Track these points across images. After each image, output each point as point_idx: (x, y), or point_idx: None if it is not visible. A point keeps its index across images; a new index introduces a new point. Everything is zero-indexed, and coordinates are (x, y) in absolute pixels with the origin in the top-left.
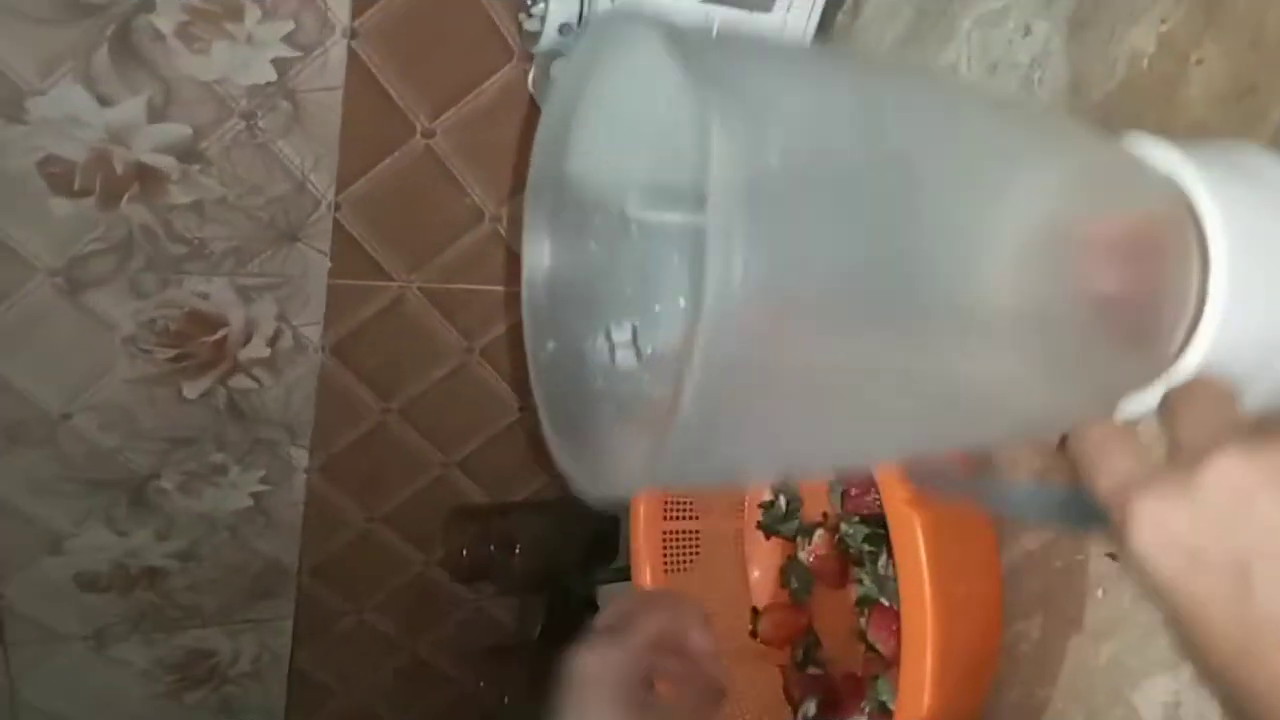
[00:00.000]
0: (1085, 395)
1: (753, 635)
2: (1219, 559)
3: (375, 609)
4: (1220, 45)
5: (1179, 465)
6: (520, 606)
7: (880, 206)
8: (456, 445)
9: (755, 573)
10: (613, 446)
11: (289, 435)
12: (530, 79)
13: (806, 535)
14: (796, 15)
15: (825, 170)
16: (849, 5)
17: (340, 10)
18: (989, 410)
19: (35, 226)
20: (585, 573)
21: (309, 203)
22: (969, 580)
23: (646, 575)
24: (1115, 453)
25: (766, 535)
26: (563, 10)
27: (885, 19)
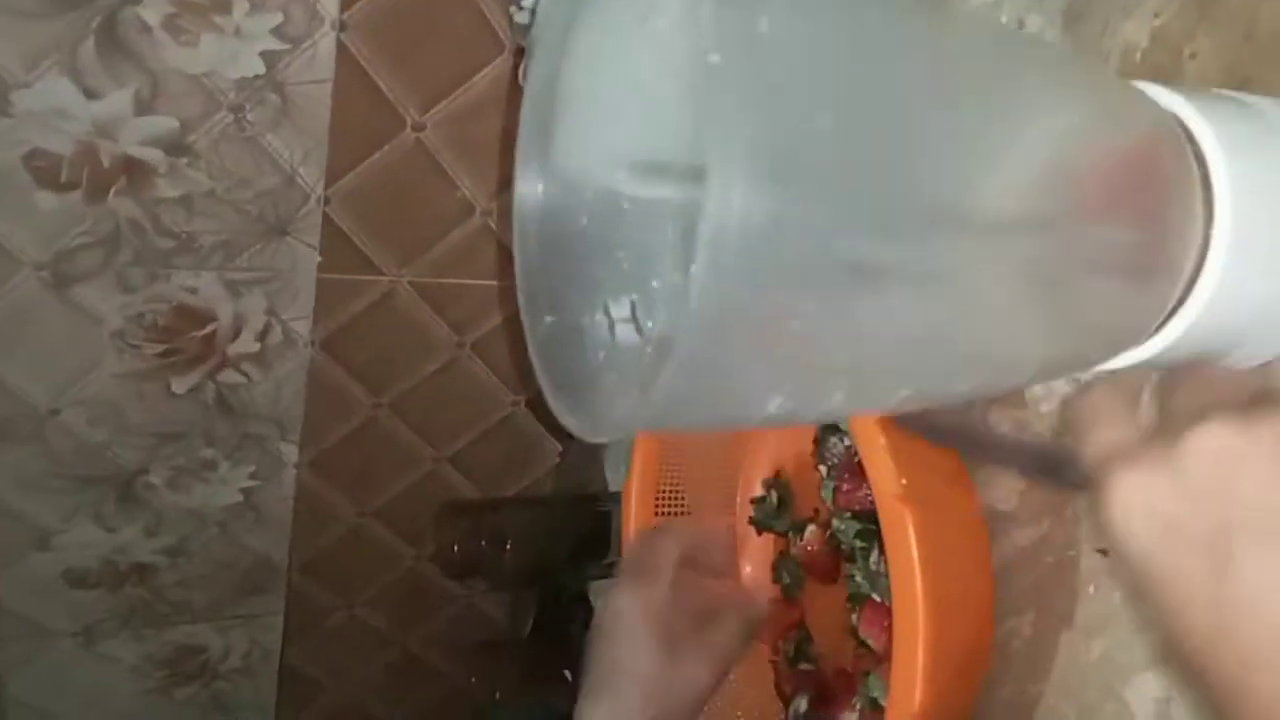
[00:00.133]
0: (1086, 335)
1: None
2: (1197, 533)
3: (366, 604)
4: (1213, 39)
5: (1164, 435)
6: (512, 602)
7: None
8: (447, 440)
9: (747, 568)
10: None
11: (279, 430)
12: (521, 72)
13: (798, 531)
14: None
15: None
16: None
17: (329, 2)
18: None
19: (21, 220)
20: (577, 568)
21: (298, 196)
22: (961, 576)
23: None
24: (1107, 419)
25: (758, 531)
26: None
27: None
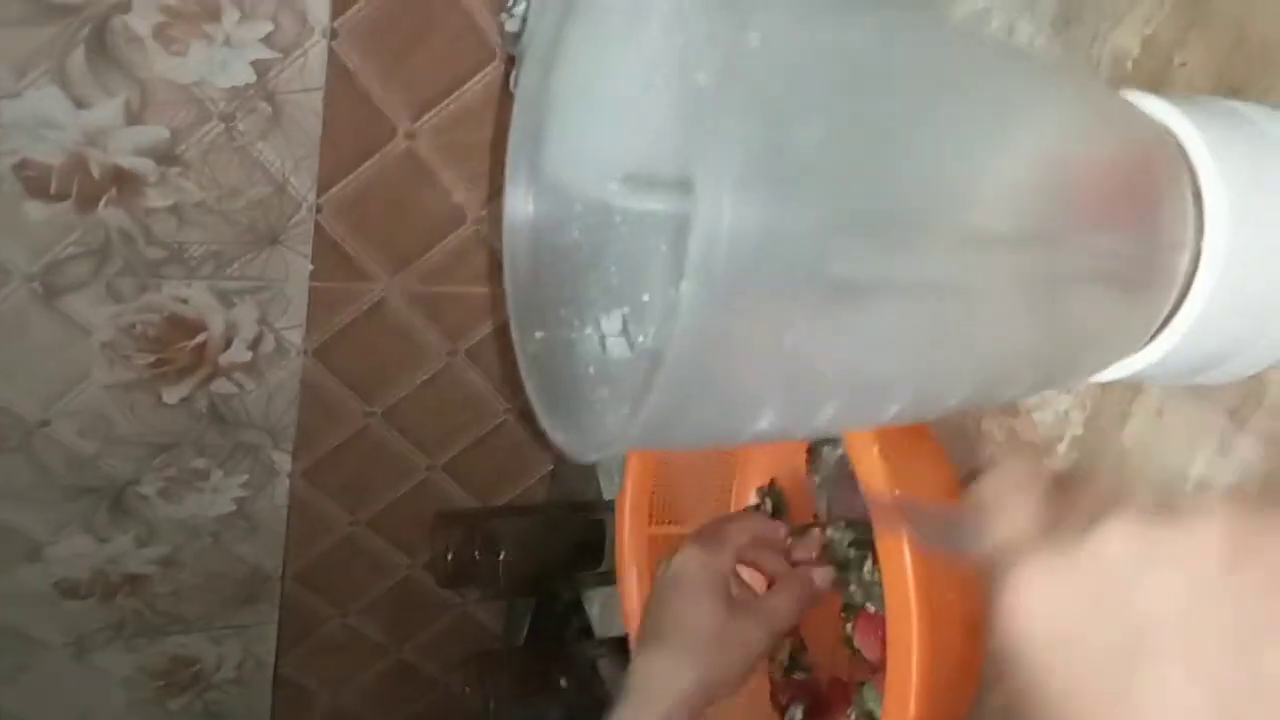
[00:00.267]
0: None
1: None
2: (1097, 648)
3: (360, 613)
4: (1204, 46)
5: (1068, 534)
6: (506, 611)
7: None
8: (441, 448)
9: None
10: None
11: (271, 440)
12: (512, 79)
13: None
14: None
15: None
16: None
17: (319, 11)
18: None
19: (10, 231)
20: (571, 577)
21: (290, 205)
22: (955, 585)
23: (633, 580)
24: (1011, 506)
25: None
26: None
27: None
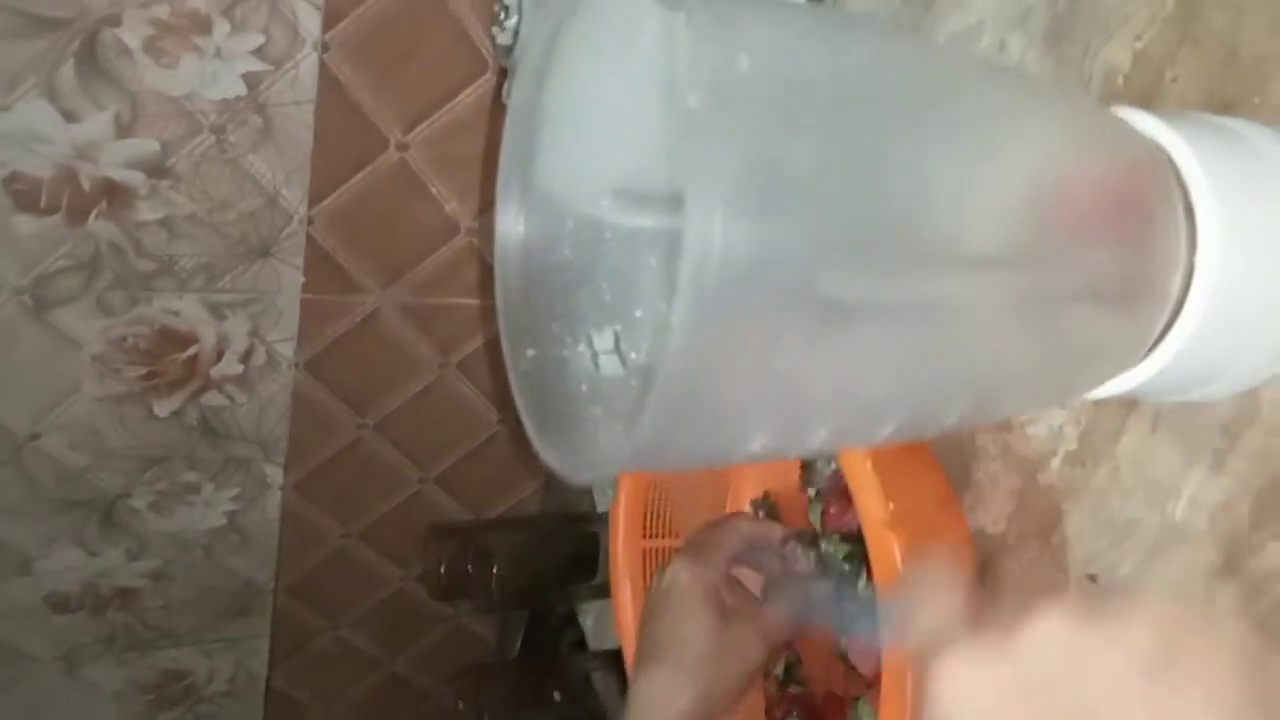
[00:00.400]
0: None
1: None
2: None
3: (352, 626)
4: (1195, 62)
5: (996, 624)
6: (500, 623)
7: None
8: (433, 460)
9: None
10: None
11: (263, 452)
12: (504, 91)
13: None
14: None
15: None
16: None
17: (311, 23)
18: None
19: (0, 244)
20: (565, 590)
21: (281, 217)
22: None
23: (626, 593)
24: (941, 596)
25: None
26: (535, 21)
27: None
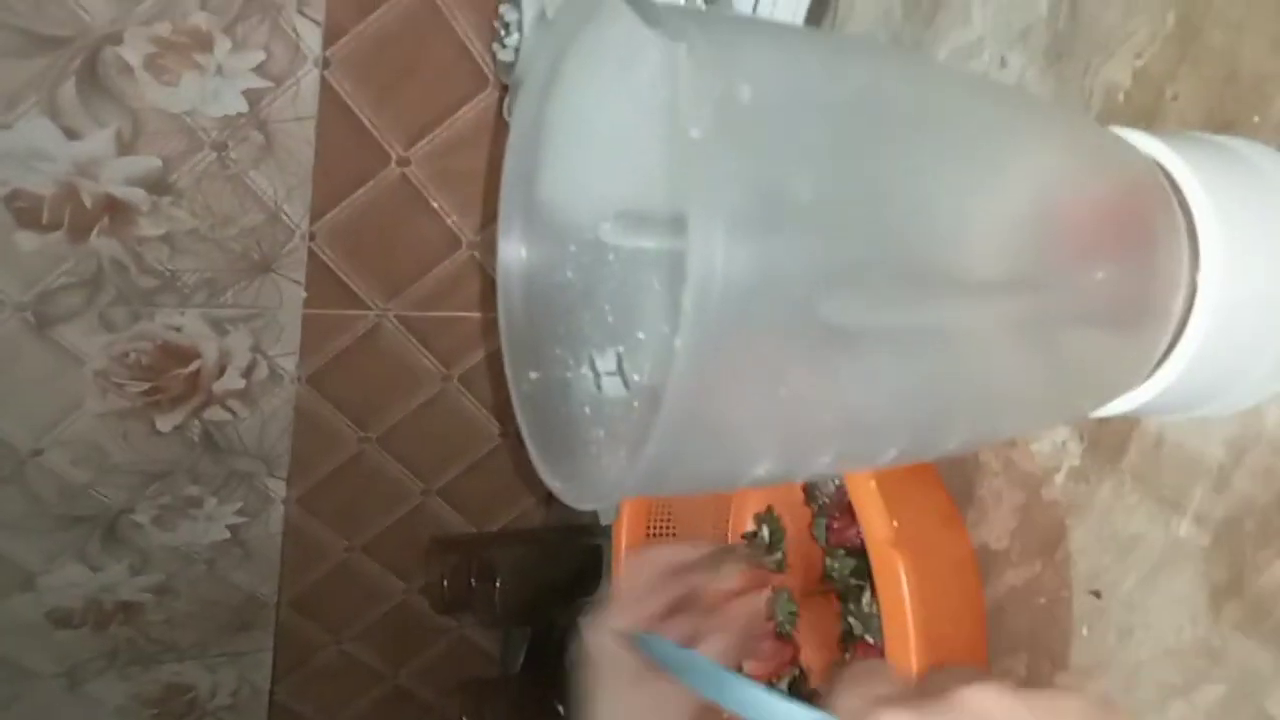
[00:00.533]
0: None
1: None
2: None
3: (355, 640)
4: (1195, 80)
5: (928, 694)
6: (503, 637)
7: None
8: (436, 473)
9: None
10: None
11: (265, 467)
12: (506, 107)
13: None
14: None
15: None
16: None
17: (312, 40)
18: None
19: (2, 261)
20: (568, 603)
21: (283, 233)
22: (953, 618)
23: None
24: (872, 680)
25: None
26: (536, 39)
27: None
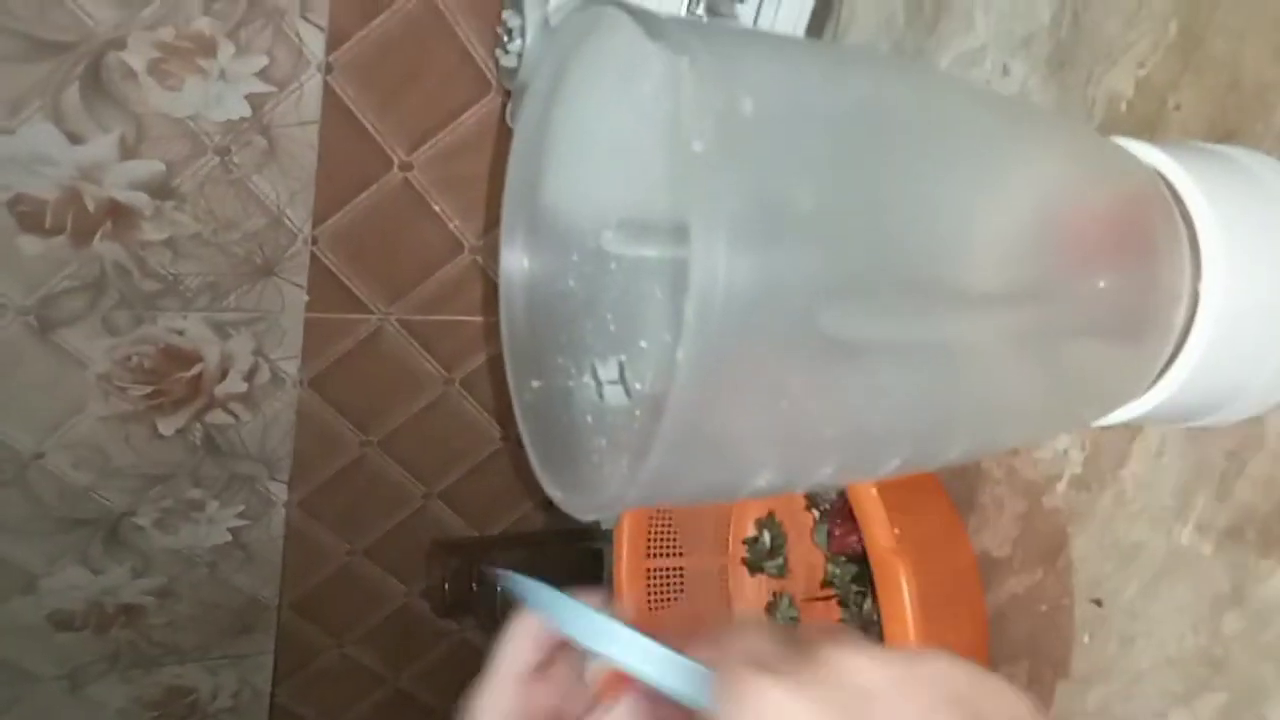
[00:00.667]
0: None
1: None
2: None
3: (356, 643)
4: (1198, 89)
5: (806, 657)
6: None
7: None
8: (437, 476)
9: (740, 609)
10: (605, 476)
11: (267, 470)
12: (508, 112)
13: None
14: None
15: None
16: (827, 41)
17: (315, 45)
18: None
19: (5, 265)
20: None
21: (285, 237)
22: (954, 625)
23: (630, 612)
24: (750, 634)
25: (751, 572)
26: (539, 45)
27: None
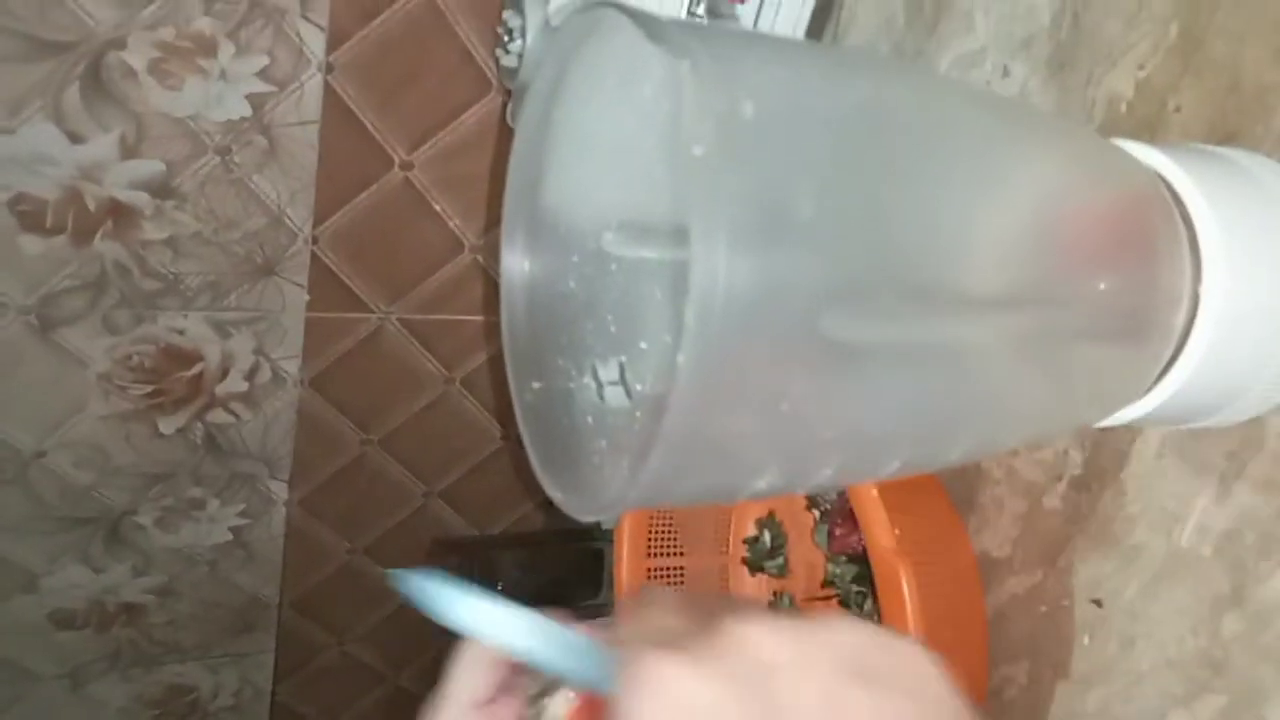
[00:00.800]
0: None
1: None
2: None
3: (357, 641)
4: (1198, 91)
5: (708, 630)
6: None
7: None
8: (438, 476)
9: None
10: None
11: (268, 469)
12: (508, 112)
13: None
14: None
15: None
16: (827, 43)
17: (315, 44)
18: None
19: (6, 264)
20: (570, 606)
21: (286, 237)
22: (954, 624)
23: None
24: (654, 610)
25: (751, 571)
26: (539, 46)
27: None
